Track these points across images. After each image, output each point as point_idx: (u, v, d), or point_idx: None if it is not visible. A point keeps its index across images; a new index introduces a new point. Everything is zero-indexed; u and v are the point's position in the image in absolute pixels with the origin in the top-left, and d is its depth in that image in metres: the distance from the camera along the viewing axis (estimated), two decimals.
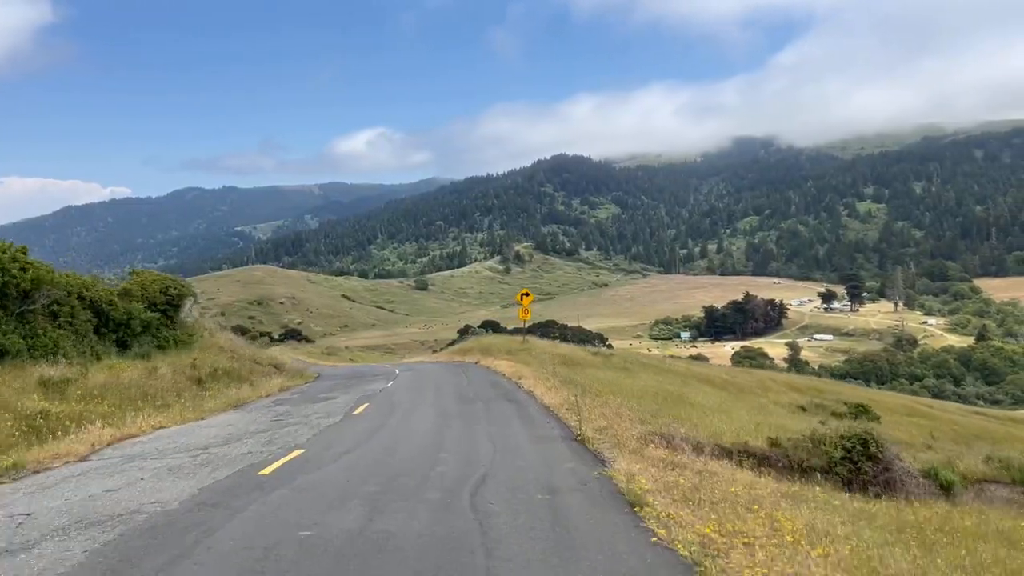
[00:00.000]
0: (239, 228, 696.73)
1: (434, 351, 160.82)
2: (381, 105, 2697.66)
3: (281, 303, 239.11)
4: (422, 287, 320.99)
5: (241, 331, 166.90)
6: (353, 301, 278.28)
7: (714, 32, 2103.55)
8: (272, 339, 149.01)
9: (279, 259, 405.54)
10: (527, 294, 44.84)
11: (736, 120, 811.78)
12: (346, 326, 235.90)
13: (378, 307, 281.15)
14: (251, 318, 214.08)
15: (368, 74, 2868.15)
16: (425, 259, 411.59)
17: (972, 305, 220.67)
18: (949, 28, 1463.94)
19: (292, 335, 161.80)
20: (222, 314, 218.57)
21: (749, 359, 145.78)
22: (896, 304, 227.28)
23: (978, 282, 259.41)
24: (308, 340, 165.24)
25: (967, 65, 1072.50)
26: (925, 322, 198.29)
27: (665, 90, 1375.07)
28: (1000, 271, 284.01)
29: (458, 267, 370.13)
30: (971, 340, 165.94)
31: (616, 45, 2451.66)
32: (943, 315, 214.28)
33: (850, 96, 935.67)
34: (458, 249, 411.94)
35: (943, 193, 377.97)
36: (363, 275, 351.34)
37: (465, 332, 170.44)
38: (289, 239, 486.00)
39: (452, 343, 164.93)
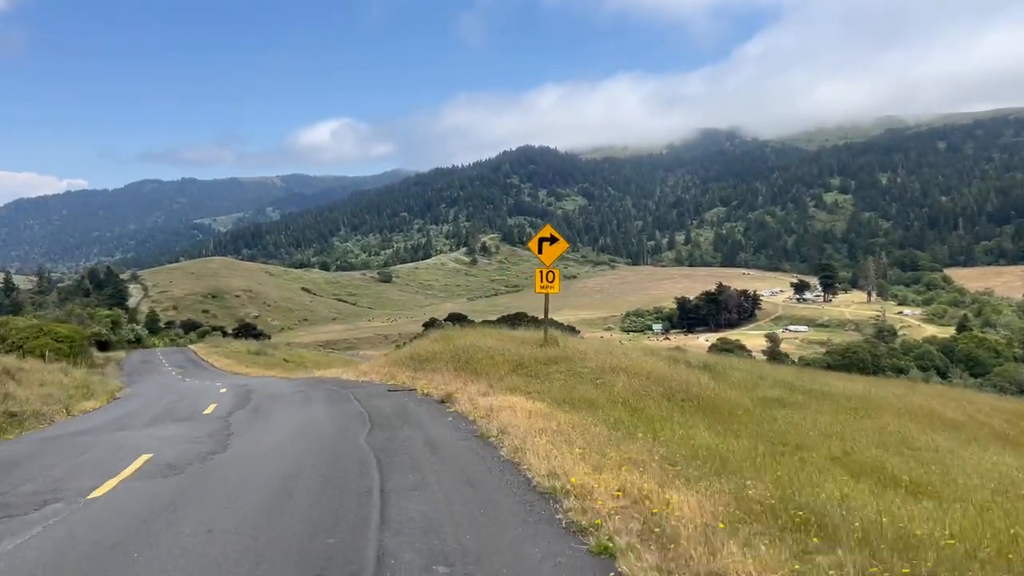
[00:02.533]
0: (199, 221, 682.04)
1: (397, 345, 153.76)
2: (344, 95, 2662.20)
3: (237, 296, 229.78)
4: (386, 279, 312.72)
5: (192, 326, 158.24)
6: (313, 294, 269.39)
7: (683, 22, 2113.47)
8: (225, 334, 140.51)
9: (239, 252, 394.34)
10: (553, 239, 22.42)
11: (702, 112, 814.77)
12: (306, 320, 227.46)
13: (340, 300, 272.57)
14: (205, 312, 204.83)
15: (331, 63, 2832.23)
16: (389, 251, 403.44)
17: (946, 295, 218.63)
18: (913, 21, 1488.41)
19: (247, 330, 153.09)
20: (174, 308, 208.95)
21: (727, 351, 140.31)
22: (869, 294, 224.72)
23: (948, 272, 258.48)
24: (264, 335, 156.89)
25: (929, 58, 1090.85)
26: (901, 312, 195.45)
27: (632, 81, 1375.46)
28: (969, 261, 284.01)
29: (423, 259, 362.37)
30: (950, 330, 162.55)
31: (584, 35, 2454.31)
32: (917, 305, 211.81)
33: (814, 88, 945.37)
34: (423, 241, 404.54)
35: (908, 184, 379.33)
36: (325, 267, 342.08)
37: (431, 325, 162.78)
38: (249, 231, 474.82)
39: (415, 337, 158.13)
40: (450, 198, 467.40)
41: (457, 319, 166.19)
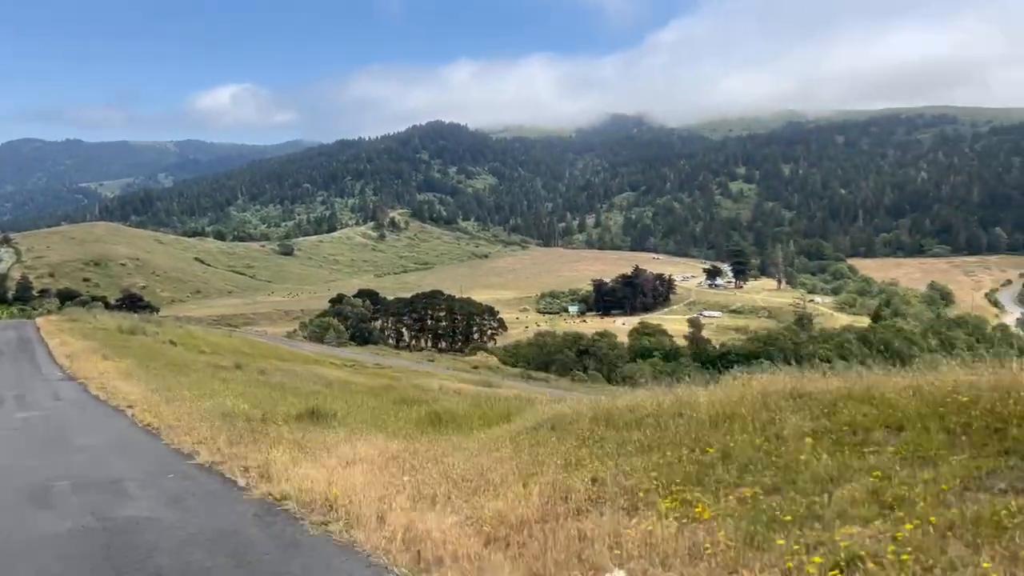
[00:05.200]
0: (84, 185, 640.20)
1: (302, 322, 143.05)
2: (246, 59, 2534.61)
3: (123, 264, 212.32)
4: (287, 252, 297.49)
5: (69, 295, 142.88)
6: (208, 265, 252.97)
7: (601, 6, 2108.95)
8: (108, 305, 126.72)
9: (127, 218, 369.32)
10: None
11: (611, 96, 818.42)
12: (198, 292, 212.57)
13: (236, 272, 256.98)
14: (86, 280, 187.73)
15: (232, 24, 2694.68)
16: (291, 223, 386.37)
17: (854, 284, 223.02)
18: (820, 19, 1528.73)
19: (132, 301, 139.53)
20: (51, 275, 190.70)
21: (648, 335, 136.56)
22: (780, 282, 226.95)
23: (851, 262, 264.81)
24: (151, 308, 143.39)
25: (830, 56, 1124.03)
26: (812, 300, 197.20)
27: (546, 62, 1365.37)
28: (869, 252, 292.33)
29: (328, 232, 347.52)
30: (862, 319, 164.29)
31: (502, 12, 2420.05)
32: (826, 294, 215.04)
33: (722, 79, 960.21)
34: (327, 214, 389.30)
35: (810, 175, 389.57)
36: (220, 237, 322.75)
37: (338, 301, 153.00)
38: (139, 197, 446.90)
39: (323, 314, 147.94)
40: (356, 171, 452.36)
41: (367, 295, 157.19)
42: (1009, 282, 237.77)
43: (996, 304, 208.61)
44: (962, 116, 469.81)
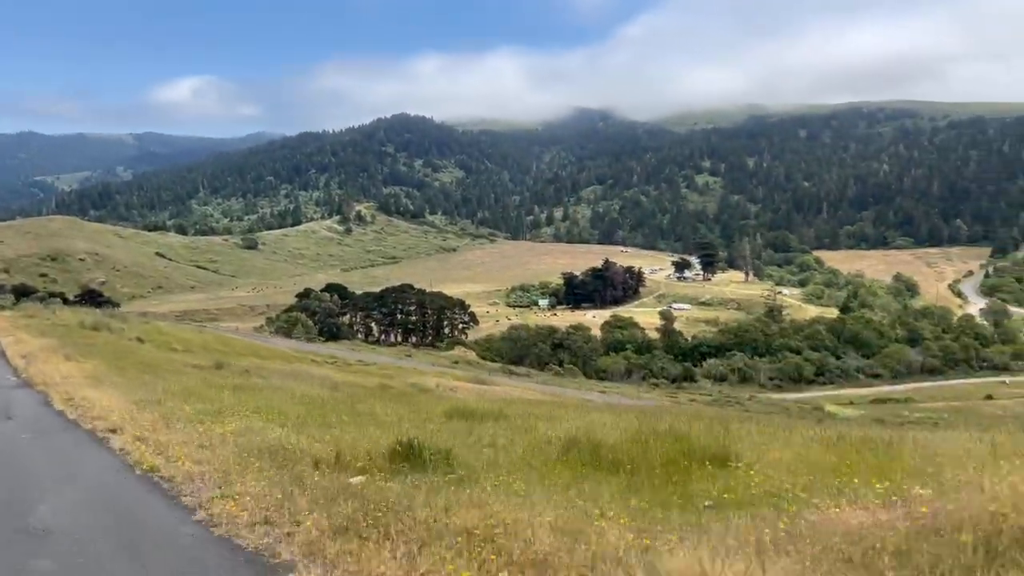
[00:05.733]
0: (40, 178, 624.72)
1: (268, 318, 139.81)
2: (208, 51, 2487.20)
3: (82, 259, 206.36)
4: (250, 246, 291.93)
5: (25, 291, 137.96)
6: (169, 260, 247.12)
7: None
8: (66, 301, 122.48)
9: (85, 212, 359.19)
10: None
11: (578, 90, 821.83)
12: (160, 287, 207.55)
13: (199, 267, 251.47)
14: (43, 276, 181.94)
15: (194, 15, 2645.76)
16: (254, 217, 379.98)
17: (821, 276, 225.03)
18: (783, 14, 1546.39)
19: (91, 297, 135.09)
20: (5, 271, 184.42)
21: (621, 328, 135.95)
22: (747, 274, 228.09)
23: (816, 254, 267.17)
24: (112, 303, 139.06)
25: (793, 50, 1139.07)
26: (780, 292, 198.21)
27: (513, 55, 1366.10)
28: (833, 244, 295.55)
29: (292, 226, 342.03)
30: (831, 311, 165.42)
31: (468, 4, 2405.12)
32: (793, 285, 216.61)
33: (687, 73, 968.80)
34: (291, 207, 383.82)
35: (773, 169, 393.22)
36: (182, 231, 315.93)
37: (306, 296, 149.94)
38: (97, 191, 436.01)
39: (290, 309, 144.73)
40: (321, 164, 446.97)
41: (335, 290, 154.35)
42: (971, 273, 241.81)
43: (959, 295, 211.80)
44: (921, 110, 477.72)
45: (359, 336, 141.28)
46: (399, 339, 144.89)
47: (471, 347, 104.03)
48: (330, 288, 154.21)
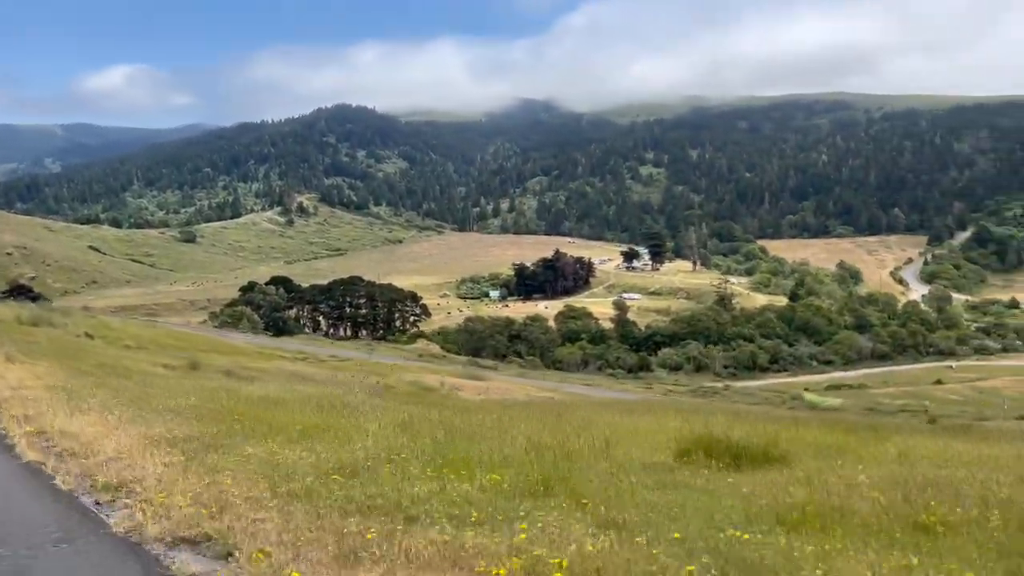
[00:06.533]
0: None
1: (212, 312, 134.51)
2: (139, 39, 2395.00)
3: (9, 253, 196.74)
4: (189, 239, 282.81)
5: None
6: (103, 254, 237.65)
7: None
8: None
9: (11, 205, 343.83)
10: None
11: (521, 81, 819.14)
12: (95, 282, 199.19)
13: (135, 261, 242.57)
14: None
15: (124, 2, 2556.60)
16: (192, 209, 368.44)
17: (767, 265, 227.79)
18: (723, 4, 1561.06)
19: (21, 292, 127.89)
20: None
21: (575, 319, 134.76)
22: (695, 263, 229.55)
23: (761, 243, 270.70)
24: (43, 299, 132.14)
25: (732, 42, 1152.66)
26: (728, 281, 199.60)
27: (455, 44, 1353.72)
28: (776, 234, 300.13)
29: (232, 218, 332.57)
30: (779, 299, 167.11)
31: None
32: (740, 274, 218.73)
33: (629, 64, 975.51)
34: (230, 199, 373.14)
35: (716, 160, 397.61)
36: (116, 224, 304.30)
37: (250, 289, 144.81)
38: (23, 183, 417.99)
39: (233, 303, 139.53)
40: (260, 154, 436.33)
41: (281, 283, 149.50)
42: (910, 260, 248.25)
43: (901, 282, 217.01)
44: (856, 102, 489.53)
45: (307, 330, 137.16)
46: (348, 333, 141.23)
47: (433, 340, 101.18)
48: (275, 281, 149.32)
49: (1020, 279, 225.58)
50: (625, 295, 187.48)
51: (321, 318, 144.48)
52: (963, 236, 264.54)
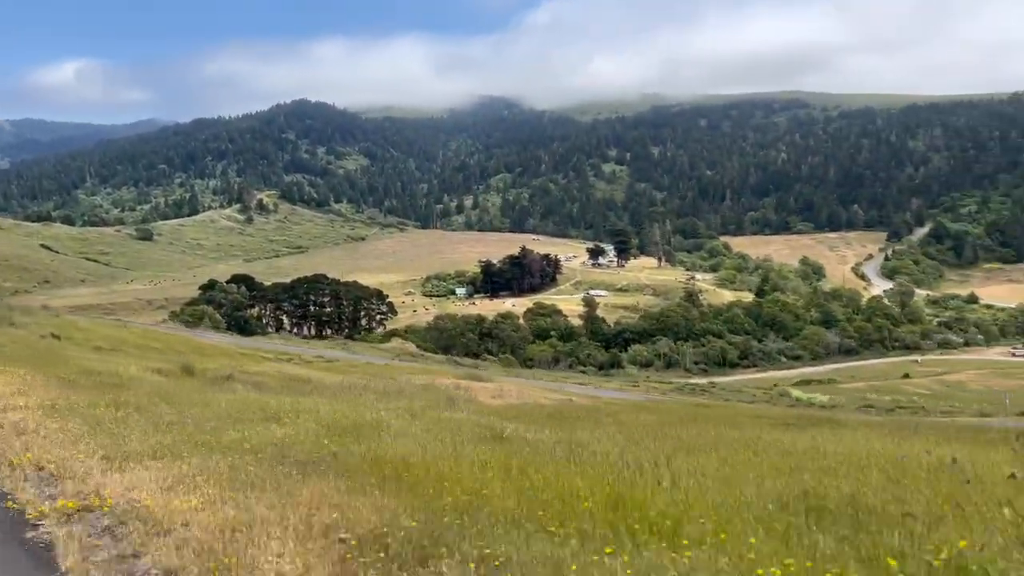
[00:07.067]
0: None
1: (172, 312, 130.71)
2: (92, 33, 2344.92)
3: None
4: (145, 237, 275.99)
5: None
6: (56, 252, 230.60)
7: None
8: None
9: None
10: None
11: (483, 78, 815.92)
12: (47, 282, 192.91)
13: (90, 260, 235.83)
14: None
15: None
16: (147, 206, 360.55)
17: (731, 261, 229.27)
18: (684, 4, 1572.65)
19: None
20: None
21: (544, 316, 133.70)
22: (660, 260, 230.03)
23: (723, 240, 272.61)
24: None
25: (692, 41, 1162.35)
26: (693, 277, 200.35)
27: (417, 41, 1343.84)
28: (738, 230, 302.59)
29: (189, 216, 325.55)
30: (744, 295, 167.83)
31: None
32: (705, 271, 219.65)
33: (590, 62, 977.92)
34: (187, 196, 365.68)
35: (677, 157, 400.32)
36: (69, 222, 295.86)
37: (210, 288, 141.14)
38: None
39: (193, 302, 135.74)
40: (218, 151, 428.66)
41: (242, 281, 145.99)
42: (871, 256, 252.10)
43: (863, 277, 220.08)
44: (813, 101, 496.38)
45: (270, 329, 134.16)
46: (312, 332, 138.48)
47: (408, 338, 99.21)
48: (236, 279, 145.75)
49: (976, 274, 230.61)
50: (592, 292, 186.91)
51: (284, 317, 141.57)
52: (921, 232, 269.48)
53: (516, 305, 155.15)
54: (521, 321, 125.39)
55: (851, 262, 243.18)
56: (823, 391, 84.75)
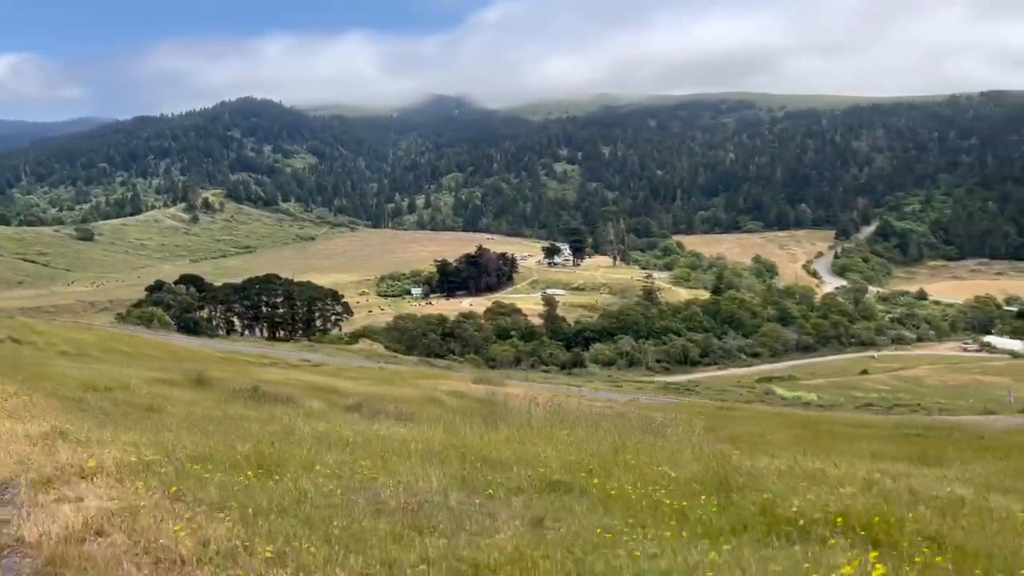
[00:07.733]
0: None
1: (119, 314, 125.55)
2: (25, 27, 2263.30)
3: None
4: (86, 237, 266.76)
5: None
6: None
7: None
8: None
9: None
10: None
11: (433, 77, 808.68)
12: None
13: (27, 260, 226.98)
14: None
15: None
16: (87, 206, 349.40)
17: (685, 260, 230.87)
18: (633, 3, 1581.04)
19: None
20: None
21: (504, 315, 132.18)
22: (615, 259, 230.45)
23: (676, 239, 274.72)
24: None
25: (642, 41, 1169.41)
26: (649, 275, 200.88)
27: (366, 38, 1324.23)
28: (690, 229, 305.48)
29: (131, 215, 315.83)
30: (700, 292, 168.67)
31: None
32: (659, 269, 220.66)
33: (541, 62, 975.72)
34: (129, 195, 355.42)
35: (628, 157, 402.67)
36: (4, 222, 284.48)
37: (158, 289, 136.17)
38: None
39: (140, 303, 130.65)
40: (160, 149, 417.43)
41: (191, 282, 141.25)
42: (820, 254, 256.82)
43: (814, 275, 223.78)
44: (759, 102, 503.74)
45: (220, 331, 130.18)
46: (265, 333, 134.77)
47: (377, 339, 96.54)
48: (185, 280, 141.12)
49: (922, 271, 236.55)
50: (549, 291, 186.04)
51: (236, 318, 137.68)
52: (868, 230, 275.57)
53: (474, 305, 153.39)
54: (483, 321, 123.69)
55: (801, 260, 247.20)
56: (803, 389, 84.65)
